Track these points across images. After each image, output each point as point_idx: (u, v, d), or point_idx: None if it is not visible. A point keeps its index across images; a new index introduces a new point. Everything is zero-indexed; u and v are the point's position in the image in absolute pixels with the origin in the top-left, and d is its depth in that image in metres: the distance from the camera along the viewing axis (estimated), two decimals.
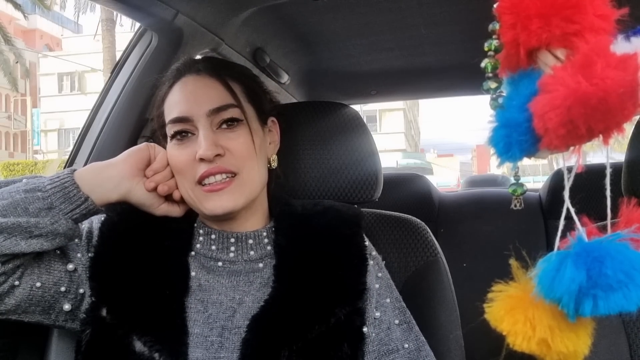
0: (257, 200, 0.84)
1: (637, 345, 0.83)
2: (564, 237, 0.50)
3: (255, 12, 1.24)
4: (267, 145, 0.86)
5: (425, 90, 2.31)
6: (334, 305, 0.76)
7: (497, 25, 0.50)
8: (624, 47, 0.45)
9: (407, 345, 0.80)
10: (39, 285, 0.72)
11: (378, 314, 0.81)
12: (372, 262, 0.84)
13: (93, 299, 0.75)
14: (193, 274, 0.79)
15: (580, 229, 0.49)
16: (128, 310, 0.74)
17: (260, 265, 0.82)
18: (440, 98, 2.56)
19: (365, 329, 0.78)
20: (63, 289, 0.74)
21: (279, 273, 0.79)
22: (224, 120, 0.78)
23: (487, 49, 0.51)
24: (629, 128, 0.95)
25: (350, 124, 1.04)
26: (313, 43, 1.61)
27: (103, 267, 0.77)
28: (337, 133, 1.03)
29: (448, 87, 2.15)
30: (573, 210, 0.50)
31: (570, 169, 0.50)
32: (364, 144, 1.04)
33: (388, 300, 0.83)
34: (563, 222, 0.50)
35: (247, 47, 1.42)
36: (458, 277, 1.05)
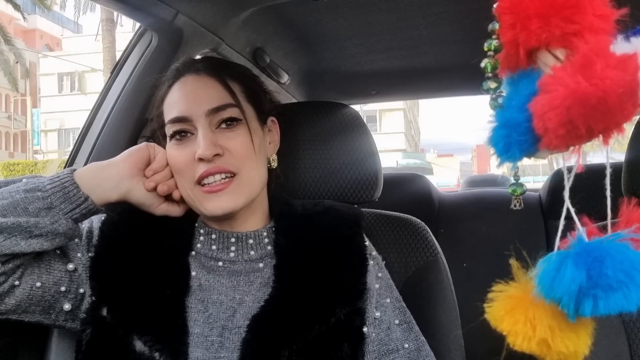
0: (257, 200, 0.84)
1: (637, 345, 0.83)
2: (564, 237, 0.50)
3: (255, 12, 1.24)
4: (266, 145, 0.86)
5: (425, 90, 2.31)
6: (334, 305, 0.76)
7: (496, 25, 0.50)
8: (624, 47, 0.45)
9: (407, 345, 0.80)
10: (39, 285, 0.72)
11: (378, 314, 0.81)
12: (372, 262, 0.84)
13: (93, 299, 0.75)
14: (193, 274, 0.79)
15: (581, 229, 0.49)
16: (128, 310, 0.74)
17: (261, 265, 0.82)
18: (440, 98, 2.55)
19: (365, 329, 0.78)
20: (63, 289, 0.74)
21: (279, 273, 0.79)
22: (223, 120, 0.78)
23: (486, 49, 0.51)
24: (629, 128, 0.95)
25: (350, 124, 1.04)
26: (313, 43, 1.61)
27: (103, 266, 0.77)
28: (337, 133, 1.03)
29: (448, 87, 2.15)
30: (573, 210, 0.50)
31: (570, 169, 0.50)
32: (364, 144, 1.04)
33: (388, 300, 0.83)
34: (563, 222, 0.50)
35: (247, 47, 1.42)
36: (458, 277, 1.05)
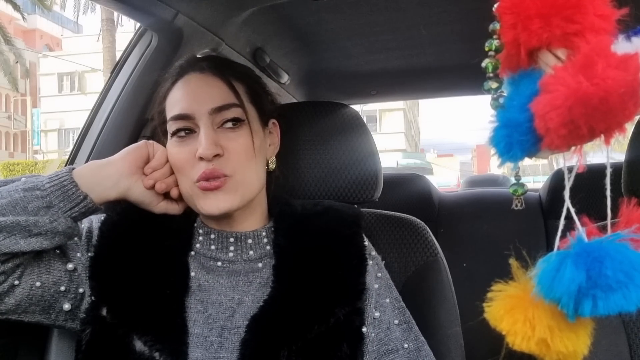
0: (255, 201, 0.83)
1: (637, 345, 0.83)
2: (564, 237, 0.50)
3: (255, 12, 1.24)
4: (266, 147, 0.86)
5: (425, 90, 2.31)
6: (334, 305, 0.76)
7: (497, 25, 0.50)
8: (625, 47, 0.45)
9: (406, 345, 0.80)
10: (39, 285, 0.72)
11: (377, 314, 0.81)
12: (371, 262, 0.83)
13: (93, 299, 0.75)
14: (193, 274, 0.79)
15: (580, 229, 0.49)
16: (128, 310, 0.74)
17: (260, 265, 0.81)
18: (440, 98, 2.55)
19: (365, 329, 0.78)
20: (63, 289, 0.74)
21: (278, 273, 0.79)
22: (226, 120, 0.78)
23: (487, 49, 0.51)
24: (629, 128, 0.94)
25: (350, 124, 1.04)
26: (313, 43, 1.61)
27: (103, 266, 0.76)
28: (337, 133, 1.03)
29: (448, 87, 2.15)
30: (573, 210, 0.50)
31: (571, 169, 0.50)
32: (364, 144, 1.04)
33: (387, 300, 0.83)
34: (563, 222, 0.50)
35: (247, 47, 1.42)
36: (458, 277, 1.04)
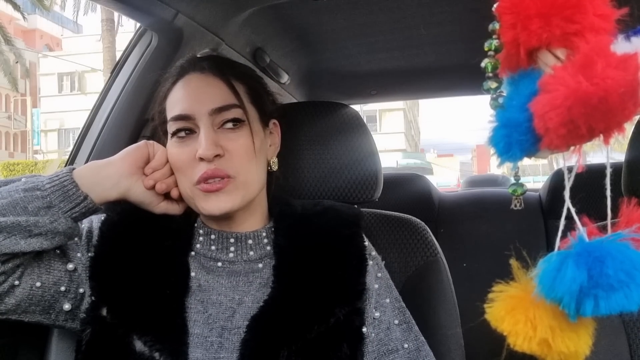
0: (255, 201, 0.83)
1: (637, 345, 0.83)
2: (565, 237, 0.50)
3: (255, 12, 1.24)
4: (267, 148, 0.86)
5: (425, 90, 2.31)
6: (334, 306, 0.76)
7: (497, 25, 0.50)
8: (625, 47, 0.45)
9: (406, 345, 0.80)
10: (39, 285, 0.72)
11: (377, 314, 0.81)
12: (371, 262, 0.83)
13: (93, 299, 0.75)
14: (193, 274, 0.79)
15: (581, 229, 0.49)
16: (128, 310, 0.74)
17: (260, 266, 0.81)
18: (440, 98, 2.55)
19: (365, 329, 0.78)
20: (63, 289, 0.74)
21: (279, 273, 0.79)
22: (226, 121, 0.78)
23: (487, 49, 0.51)
24: (629, 128, 0.95)
25: (350, 124, 1.04)
26: (313, 43, 1.61)
27: (103, 266, 0.76)
28: (337, 133, 1.03)
29: (448, 87, 2.15)
30: (573, 210, 0.50)
31: (571, 169, 0.50)
32: (364, 144, 1.03)
33: (387, 301, 0.83)
34: (563, 222, 0.50)
35: (247, 47, 1.42)
36: (458, 277, 1.04)
